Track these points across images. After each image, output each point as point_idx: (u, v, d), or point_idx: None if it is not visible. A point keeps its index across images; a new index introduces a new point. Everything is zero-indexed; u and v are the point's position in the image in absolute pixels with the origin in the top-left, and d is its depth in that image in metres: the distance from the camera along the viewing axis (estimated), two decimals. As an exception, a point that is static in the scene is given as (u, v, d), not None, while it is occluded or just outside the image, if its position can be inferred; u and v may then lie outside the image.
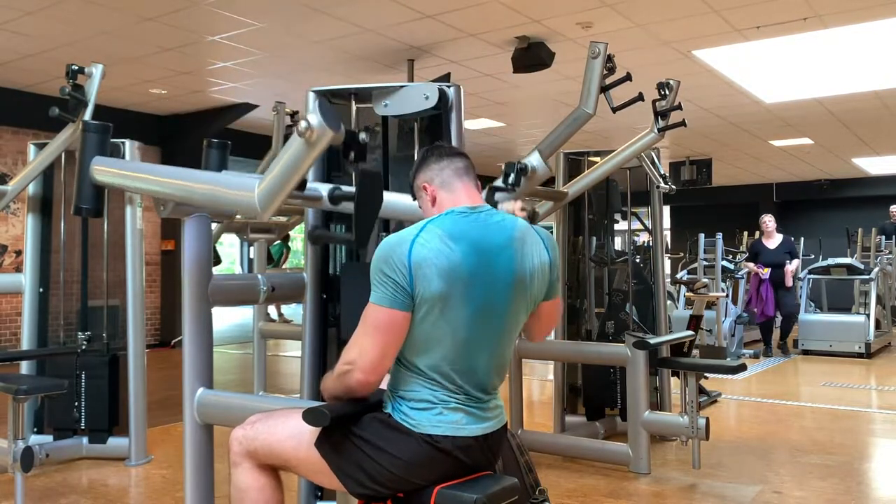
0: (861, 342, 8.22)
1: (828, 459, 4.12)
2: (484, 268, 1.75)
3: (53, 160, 3.92)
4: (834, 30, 6.10)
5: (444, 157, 1.93)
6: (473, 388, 1.79)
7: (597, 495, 3.53)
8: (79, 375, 4.15)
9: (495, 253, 1.78)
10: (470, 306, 1.74)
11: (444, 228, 1.76)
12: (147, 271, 9.02)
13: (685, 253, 11.70)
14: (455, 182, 1.90)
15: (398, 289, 1.70)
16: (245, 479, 1.89)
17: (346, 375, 1.75)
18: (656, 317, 4.74)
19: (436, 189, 1.90)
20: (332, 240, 2.92)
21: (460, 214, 1.81)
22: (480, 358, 1.79)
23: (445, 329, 1.73)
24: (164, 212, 2.21)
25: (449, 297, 1.71)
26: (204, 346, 2.34)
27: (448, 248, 1.72)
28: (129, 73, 7.27)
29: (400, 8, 5.59)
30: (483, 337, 1.78)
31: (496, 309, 1.78)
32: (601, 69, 3.48)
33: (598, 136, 10.20)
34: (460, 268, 1.72)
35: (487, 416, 1.81)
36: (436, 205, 1.90)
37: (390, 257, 1.71)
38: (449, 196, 1.88)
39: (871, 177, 15.31)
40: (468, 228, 1.78)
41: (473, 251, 1.75)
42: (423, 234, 1.74)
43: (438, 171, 1.91)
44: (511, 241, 1.81)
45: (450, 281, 1.71)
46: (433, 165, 1.92)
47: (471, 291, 1.73)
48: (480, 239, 1.77)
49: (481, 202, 1.89)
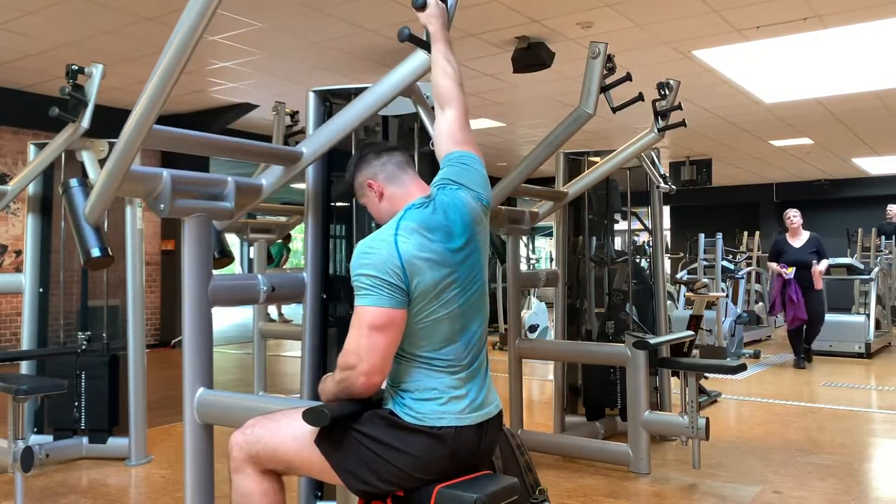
0: (861, 342, 8.22)
1: (828, 459, 4.12)
2: (458, 245, 1.83)
3: (53, 160, 3.91)
4: (834, 30, 6.10)
5: (383, 152, 1.96)
6: (470, 356, 1.84)
7: (597, 495, 3.53)
8: (79, 375, 4.15)
9: (461, 230, 1.85)
10: (458, 284, 1.82)
11: (416, 221, 1.80)
12: (147, 271, 9.04)
13: (685, 253, 11.71)
14: (401, 175, 1.94)
15: (394, 288, 1.72)
16: (248, 484, 1.88)
17: (349, 381, 1.76)
18: (656, 317, 4.74)
19: (382, 184, 1.93)
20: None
21: (422, 206, 1.85)
22: (475, 323, 1.87)
23: (442, 313, 1.79)
24: (163, 211, 2.21)
25: (441, 283, 1.78)
26: (204, 346, 2.34)
27: (428, 239, 1.78)
28: (129, 73, 7.27)
29: (400, 8, 5.59)
30: (473, 304, 1.86)
31: (475, 274, 1.87)
32: (601, 69, 3.48)
33: (598, 136, 10.20)
34: (444, 253, 1.79)
35: (487, 401, 1.87)
36: (384, 199, 1.93)
37: (378, 260, 1.73)
38: (399, 189, 1.92)
39: (871, 177, 15.32)
40: (434, 216, 1.83)
41: (448, 236, 1.82)
42: (401, 233, 1.77)
43: (381, 167, 1.93)
44: (465, 213, 1.87)
45: (440, 269, 1.77)
46: (374, 162, 1.94)
47: (456, 271, 1.81)
48: (448, 222, 1.84)
49: (429, 190, 1.93)
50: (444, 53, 2.09)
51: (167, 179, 2.19)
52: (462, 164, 1.97)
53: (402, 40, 2.15)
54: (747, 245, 12.61)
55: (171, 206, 2.21)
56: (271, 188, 2.60)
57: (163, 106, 1.93)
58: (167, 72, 1.89)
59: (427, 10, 2.10)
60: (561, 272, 4.63)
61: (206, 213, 2.34)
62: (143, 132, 1.98)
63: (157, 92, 1.91)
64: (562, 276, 4.63)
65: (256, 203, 2.63)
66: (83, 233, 3.02)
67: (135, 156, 2.03)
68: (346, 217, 3.02)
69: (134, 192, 2.26)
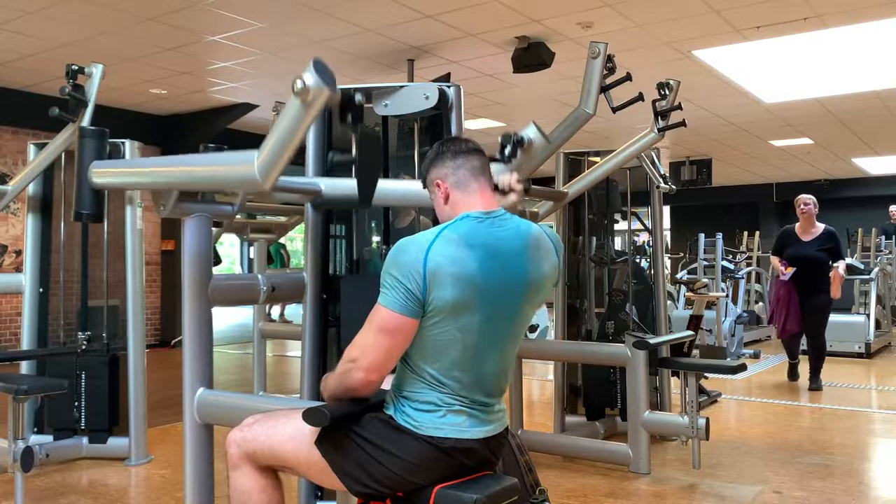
0: (861, 342, 8.21)
1: (828, 459, 4.12)
2: (498, 275, 1.73)
3: (53, 160, 3.92)
4: (834, 30, 6.10)
5: (461, 154, 1.87)
6: (481, 392, 1.78)
7: (597, 495, 3.53)
8: (79, 375, 4.15)
9: (510, 260, 1.76)
10: (482, 313, 1.72)
11: (460, 234, 1.73)
12: (147, 271, 9.03)
13: (685, 253, 11.71)
14: (471, 182, 1.84)
15: (409, 296, 1.67)
16: (245, 481, 1.88)
17: (348, 374, 1.75)
18: (656, 317, 4.73)
19: (450, 187, 1.85)
20: (336, 204, 2.85)
21: (476, 220, 1.77)
22: (489, 362, 1.78)
23: (456, 335, 1.72)
24: (164, 211, 2.21)
25: (462, 304, 1.69)
26: (204, 346, 2.34)
27: (463, 255, 1.70)
28: (129, 73, 7.27)
29: (400, 8, 5.59)
30: (493, 342, 1.77)
31: (507, 315, 1.78)
32: (601, 69, 3.47)
33: (598, 136, 10.20)
34: (475, 275, 1.70)
35: (490, 420, 1.81)
36: (448, 203, 1.86)
37: (404, 262, 1.68)
38: (463, 197, 1.84)
39: (871, 177, 15.31)
40: (484, 234, 1.75)
41: (489, 258, 1.73)
42: (438, 241, 1.71)
43: (454, 169, 1.85)
44: (525, 248, 1.80)
45: (464, 288, 1.69)
46: (448, 162, 1.86)
47: (484, 299, 1.72)
48: (496, 245, 1.75)
49: (496, 206, 1.86)
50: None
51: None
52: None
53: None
54: (747, 245, 12.62)
55: (171, 206, 2.21)
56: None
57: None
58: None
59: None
60: (561, 272, 4.62)
61: (206, 213, 2.34)
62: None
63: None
64: (562, 276, 4.62)
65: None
66: (82, 189, 3.00)
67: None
68: (347, 217, 3.02)
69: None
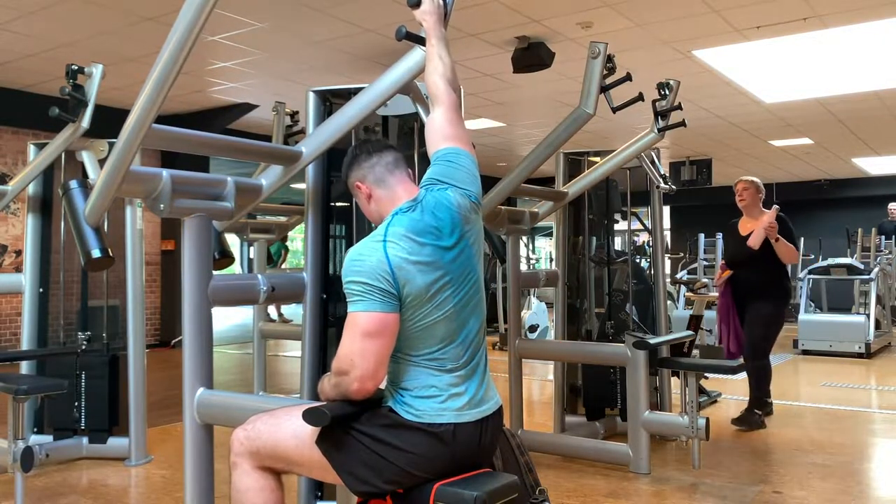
0: (861, 342, 8.21)
1: (828, 459, 4.12)
2: (450, 245, 1.82)
3: (53, 160, 3.91)
4: (834, 30, 6.10)
5: (373, 153, 1.95)
6: (472, 353, 1.85)
7: (597, 495, 3.52)
8: (79, 375, 4.15)
9: (451, 229, 1.84)
10: (452, 284, 1.81)
11: (405, 227, 1.79)
12: (147, 271, 9.03)
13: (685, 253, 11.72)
14: (388, 178, 1.93)
15: (386, 294, 1.72)
16: (246, 479, 1.90)
17: (343, 386, 1.77)
18: (656, 317, 4.73)
19: (370, 187, 1.93)
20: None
21: (409, 210, 1.84)
22: (471, 320, 1.86)
23: (437, 315, 1.78)
24: (163, 211, 2.21)
25: (433, 286, 1.77)
26: (204, 346, 2.34)
27: (418, 243, 1.77)
28: (129, 73, 7.27)
29: (400, 8, 5.59)
30: (468, 302, 1.85)
31: (468, 272, 1.86)
32: (601, 69, 3.48)
33: (598, 136, 10.20)
34: (434, 257, 1.78)
35: (486, 398, 1.87)
36: (372, 201, 1.94)
37: (369, 267, 1.73)
38: (385, 193, 1.92)
39: (871, 177, 15.31)
40: (422, 219, 1.82)
41: (437, 237, 1.81)
42: (389, 239, 1.76)
43: (370, 169, 1.94)
44: (454, 212, 1.86)
45: (432, 272, 1.77)
46: (364, 163, 1.94)
47: (447, 270, 1.80)
48: (436, 223, 1.82)
49: (416, 191, 1.92)
50: (437, 50, 2.11)
51: (167, 179, 2.20)
52: (448, 162, 1.95)
53: (400, 38, 2.16)
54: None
55: (171, 206, 2.21)
56: (271, 188, 2.61)
57: (161, 105, 1.93)
58: (165, 71, 1.88)
59: (421, 6, 2.14)
60: (561, 272, 4.63)
61: (206, 213, 2.34)
62: (141, 131, 1.98)
63: (156, 91, 1.91)
64: (562, 276, 4.63)
65: (256, 203, 2.63)
66: (83, 234, 3.03)
67: (134, 155, 2.03)
68: (346, 217, 3.03)
69: (134, 192, 2.26)
